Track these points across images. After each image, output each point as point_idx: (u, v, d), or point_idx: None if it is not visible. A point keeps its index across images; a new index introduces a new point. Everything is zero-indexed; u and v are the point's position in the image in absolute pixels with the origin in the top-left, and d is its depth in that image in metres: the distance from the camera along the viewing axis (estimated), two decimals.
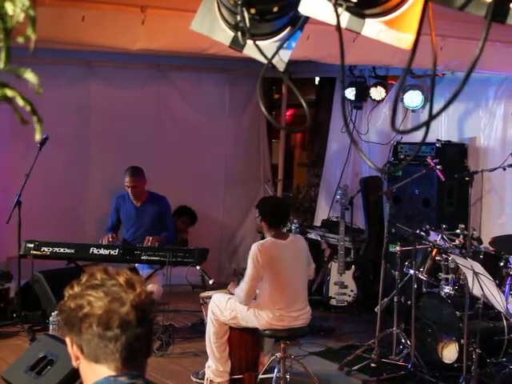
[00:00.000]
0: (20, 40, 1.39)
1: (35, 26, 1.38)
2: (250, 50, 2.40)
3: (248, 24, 2.28)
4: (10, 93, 1.37)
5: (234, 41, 2.45)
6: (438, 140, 8.85)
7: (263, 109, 2.20)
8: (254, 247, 6.25)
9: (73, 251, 7.88)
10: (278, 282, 6.21)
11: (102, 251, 7.83)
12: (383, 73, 10.20)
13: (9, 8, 1.35)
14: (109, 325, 1.99)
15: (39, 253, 7.85)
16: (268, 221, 6.41)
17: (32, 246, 7.85)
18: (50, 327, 7.39)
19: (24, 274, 8.03)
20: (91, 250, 7.84)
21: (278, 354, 6.33)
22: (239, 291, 6.26)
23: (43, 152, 7.87)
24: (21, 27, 1.42)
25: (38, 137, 1.38)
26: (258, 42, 2.29)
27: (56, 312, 6.98)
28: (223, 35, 2.50)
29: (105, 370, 2.03)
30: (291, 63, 2.50)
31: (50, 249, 7.88)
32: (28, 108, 1.38)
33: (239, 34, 2.38)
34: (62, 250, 7.88)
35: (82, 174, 9.82)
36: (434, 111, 1.75)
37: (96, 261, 7.87)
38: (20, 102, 1.37)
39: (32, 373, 5.86)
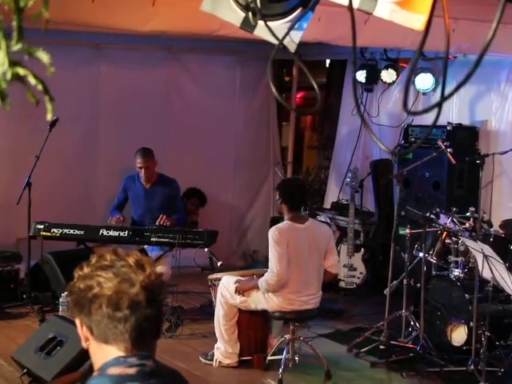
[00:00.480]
0: (32, 19, 1.38)
1: (48, 5, 1.37)
2: (260, 30, 2.38)
3: (259, 4, 2.26)
4: (21, 71, 1.36)
5: (245, 21, 2.44)
6: (448, 123, 8.79)
7: (273, 89, 2.18)
8: (273, 230, 6.24)
9: (82, 232, 7.89)
10: (291, 267, 6.20)
11: (112, 233, 7.83)
12: (394, 55, 10.14)
13: None
14: (118, 305, 1.99)
15: (49, 234, 7.87)
16: (289, 203, 6.38)
17: (42, 227, 7.86)
18: (60, 308, 7.41)
19: (34, 255, 8.05)
20: (101, 232, 7.85)
21: (287, 336, 6.35)
22: (267, 277, 6.19)
23: (53, 133, 7.87)
24: (32, 7, 1.41)
25: (49, 117, 1.37)
26: (269, 23, 2.27)
27: (66, 293, 7.00)
28: (234, 16, 2.48)
29: (114, 351, 2.03)
30: (301, 45, 2.48)
31: (60, 230, 7.89)
32: (40, 87, 1.37)
33: (250, 14, 2.37)
34: (71, 232, 7.89)
35: (91, 156, 9.83)
36: (446, 93, 1.74)
37: (105, 242, 7.89)
38: (32, 80, 1.36)
39: (41, 353, 5.90)
